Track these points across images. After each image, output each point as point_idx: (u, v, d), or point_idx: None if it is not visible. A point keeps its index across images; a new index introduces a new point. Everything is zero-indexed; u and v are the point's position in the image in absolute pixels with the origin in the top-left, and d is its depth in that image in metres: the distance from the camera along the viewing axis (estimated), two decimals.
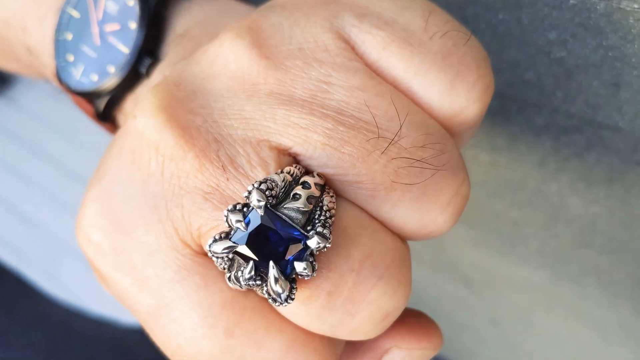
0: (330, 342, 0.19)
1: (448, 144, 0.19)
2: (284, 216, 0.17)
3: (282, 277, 0.17)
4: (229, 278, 0.18)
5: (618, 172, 0.31)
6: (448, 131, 0.20)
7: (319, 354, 0.19)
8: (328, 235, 0.17)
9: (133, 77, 0.24)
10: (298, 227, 0.17)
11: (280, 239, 0.17)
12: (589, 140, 0.30)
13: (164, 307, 0.19)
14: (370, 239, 0.18)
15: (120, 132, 0.21)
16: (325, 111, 0.18)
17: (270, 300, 0.17)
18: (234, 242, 0.17)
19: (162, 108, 0.19)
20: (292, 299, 0.17)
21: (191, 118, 0.19)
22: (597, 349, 0.55)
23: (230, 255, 0.17)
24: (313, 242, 0.17)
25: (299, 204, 0.17)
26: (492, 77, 0.20)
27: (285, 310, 0.18)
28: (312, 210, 0.18)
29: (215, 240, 0.17)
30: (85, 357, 0.49)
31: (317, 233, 0.17)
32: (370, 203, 0.19)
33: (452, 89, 0.19)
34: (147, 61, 0.24)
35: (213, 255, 0.17)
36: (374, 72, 0.20)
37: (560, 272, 0.46)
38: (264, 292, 0.18)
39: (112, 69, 0.24)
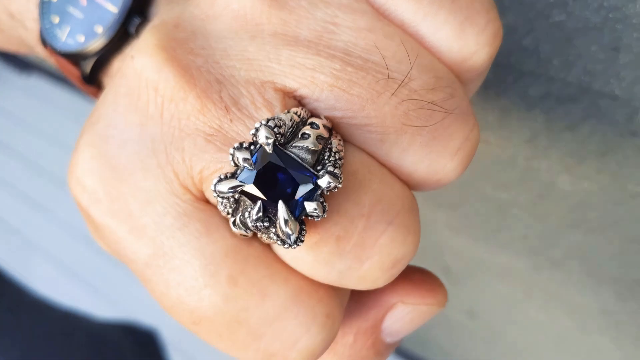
0: (336, 293, 0.19)
1: (457, 89, 0.19)
2: (293, 155, 0.17)
3: (292, 218, 0.16)
4: (234, 222, 0.17)
5: (612, 144, 0.31)
6: (456, 77, 0.20)
7: (325, 304, 0.18)
8: (339, 174, 0.16)
9: (121, 37, 0.23)
10: (308, 167, 0.17)
11: (289, 178, 0.16)
12: (584, 111, 0.30)
13: (163, 256, 0.18)
14: (379, 184, 0.18)
15: (116, 76, 0.20)
16: (332, 52, 0.18)
17: (278, 243, 0.17)
18: (240, 181, 0.16)
19: (161, 47, 0.18)
20: (302, 241, 0.17)
21: (191, 58, 0.18)
22: (576, 338, 0.55)
23: (237, 196, 0.17)
24: (324, 182, 0.16)
25: (308, 143, 0.17)
26: (501, 24, 0.20)
27: (292, 255, 0.18)
28: (321, 150, 0.17)
29: (220, 180, 0.16)
30: (63, 348, 0.47)
31: (328, 172, 0.16)
32: (379, 147, 0.18)
33: (461, 32, 0.19)
34: (136, 20, 0.23)
35: (218, 196, 0.17)
36: (381, 15, 0.19)
37: (543, 257, 0.46)
38: (272, 234, 0.17)
39: (99, 29, 0.23)
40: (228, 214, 0.17)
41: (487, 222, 0.45)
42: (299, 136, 0.17)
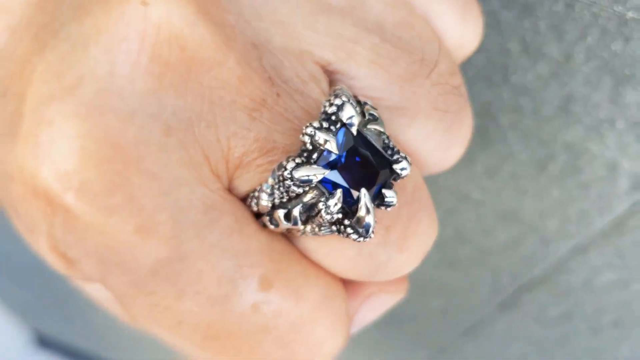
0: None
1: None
2: (370, 138, 0.15)
3: (373, 207, 0.15)
4: (287, 214, 0.15)
5: None
6: None
7: (346, 304, 0.17)
8: (409, 159, 0.15)
9: None
10: (383, 151, 0.15)
11: (368, 163, 0.15)
12: None
13: (181, 260, 0.14)
14: (414, 169, 0.17)
15: (102, 22, 0.14)
16: (367, 25, 0.16)
17: (352, 236, 0.15)
18: (322, 167, 0.14)
19: None
20: (374, 233, 0.15)
21: (223, 15, 0.15)
22: None
23: (313, 184, 0.14)
24: (400, 167, 0.15)
25: (378, 125, 0.15)
26: None
27: (330, 248, 0.16)
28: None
29: (297, 165, 0.14)
30: None
31: (404, 157, 0.15)
32: (405, 132, 0.16)
33: (463, 19, 0.18)
34: None
35: (294, 184, 0.14)
36: None
37: None
38: (345, 226, 0.15)
39: None
40: (274, 205, 0.15)
41: None
42: (367, 117, 0.15)
